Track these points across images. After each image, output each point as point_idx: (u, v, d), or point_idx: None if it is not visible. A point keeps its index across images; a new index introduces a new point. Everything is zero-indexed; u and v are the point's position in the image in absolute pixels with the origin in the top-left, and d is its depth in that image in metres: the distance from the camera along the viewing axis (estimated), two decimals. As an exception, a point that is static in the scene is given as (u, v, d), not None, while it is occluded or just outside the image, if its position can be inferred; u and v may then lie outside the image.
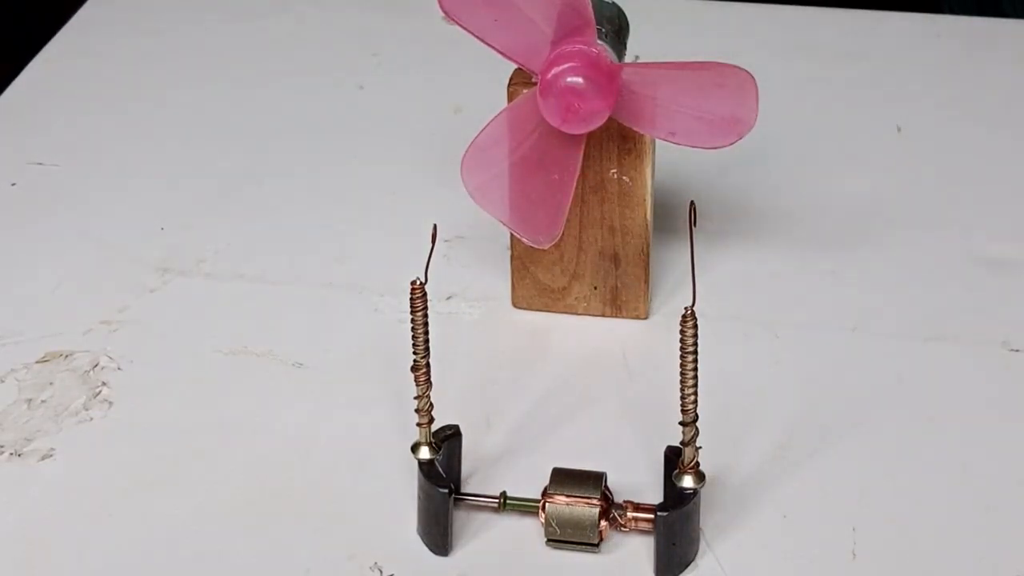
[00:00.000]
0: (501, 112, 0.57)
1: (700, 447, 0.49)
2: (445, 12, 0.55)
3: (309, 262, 0.67)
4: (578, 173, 0.57)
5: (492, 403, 0.58)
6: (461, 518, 0.52)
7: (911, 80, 0.74)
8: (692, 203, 0.51)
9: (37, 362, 0.61)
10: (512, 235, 0.61)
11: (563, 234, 0.60)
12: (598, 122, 0.55)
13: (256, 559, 0.52)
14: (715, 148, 0.56)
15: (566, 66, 0.55)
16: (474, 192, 0.58)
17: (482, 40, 0.55)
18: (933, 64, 0.80)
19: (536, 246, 0.59)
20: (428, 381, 0.50)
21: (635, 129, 0.57)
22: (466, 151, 0.58)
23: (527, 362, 0.61)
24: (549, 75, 0.55)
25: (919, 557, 0.51)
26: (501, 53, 0.55)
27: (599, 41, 0.56)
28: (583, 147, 0.57)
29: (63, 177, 0.73)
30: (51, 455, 0.56)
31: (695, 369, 0.48)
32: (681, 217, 0.63)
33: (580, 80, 0.54)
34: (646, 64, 0.57)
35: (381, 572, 0.51)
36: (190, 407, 0.58)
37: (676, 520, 0.49)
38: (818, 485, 0.54)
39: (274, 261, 0.67)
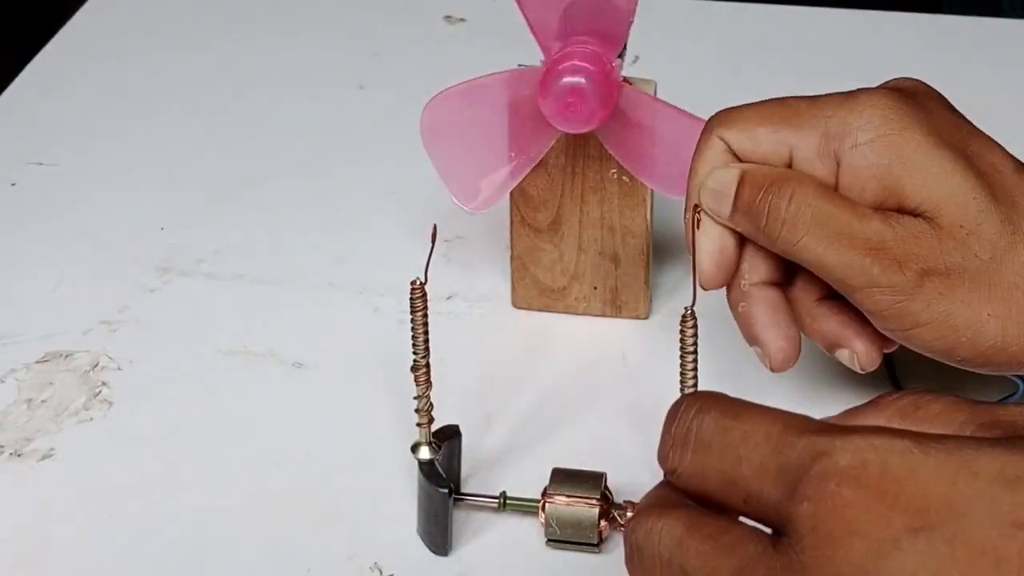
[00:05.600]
0: (494, 74, 0.57)
1: (700, 447, 0.49)
2: None
3: (309, 262, 0.67)
4: (535, 163, 0.58)
5: (492, 403, 0.58)
6: (461, 518, 0.52)
7: (911, 80, 0.74)
8: (696, 204, 0.51)
9: (37, 362, 0.61)
10: (512, 235, 0.61)
11: (563, 234, 0.61)
12: (589, 126, 0.55)
13: (256, 559, 0.52)
14: (673, 197, 0.57)
15: (579, 64, 0.55)
16: (425, 131, 0.58)
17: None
18: (933, 64, 0.80)
19: (463, 208, 0.59)
20: (428, 381, 0.50)
21: (606, 148, 0.57)
22: (441, 91, 0.58)
23: (527, 362, 0.61)
24: (560, 67, 0.55)
25: (919, 557, 0.51)
26: (531, 26, 0.55)
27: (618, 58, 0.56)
28: (552, 143, 0.57)
29: (63, 177, 0.73)
30: (51, 455, 0.56)
31: (695, 369, 0.48)
32: (682, 216, 0.63)
33: (583, 81, 0.55)
34: (650, 96, 0.57)
35: (381, 572, 0.51)
36: (190, 407, 0.58)
37: (676, 520, 0.49)
38: (818, 485, 0.54)
39: (274, 261, 0.67)
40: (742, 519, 0.37)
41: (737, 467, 0.36)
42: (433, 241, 0.50)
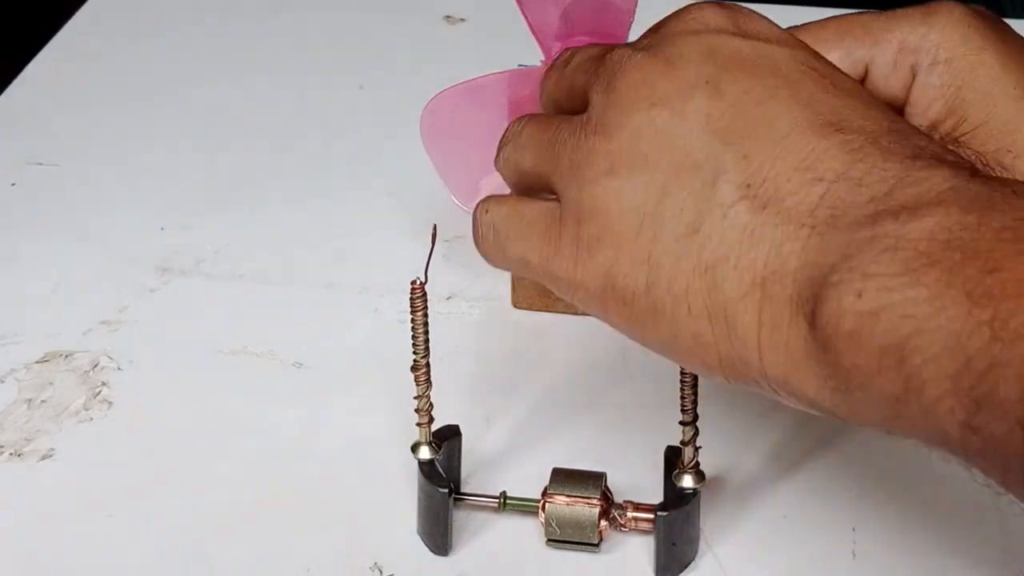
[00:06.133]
0: (498, 73, 0.57)
1: (700, 447, 0.49)
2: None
3: (309, 262, 0.67)
4: None
5: (492, 403, 0.58)
6: (461, 518, 0.52)
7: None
8: None
9: (37, 362, 0.61)
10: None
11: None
12: None
13: (256, 559, 0.51)
14: None
15: None
16: (424, 131, 0.58)
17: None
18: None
19: (463, 209, 0.59)
20: (428, 381, 0.50)
21: None
22: (441, 91, 0.58)
23: (527, 362, 0.61)
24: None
25: (919, 557, 0.51)
26: (531, 26, 0.55)
27: None
28: None
29: (63, 177, 0.73)
30: (51, 455, 0.56)
31: None
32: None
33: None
34: None
35: (381, 572, 0.51)
36: (190, 407, 0.58)
37: (676, 520, 0.49)
38: (818, 485, 0.54)
39: (274, 261, 0.67)
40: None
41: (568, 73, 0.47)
42: (433, 241, 0.50)
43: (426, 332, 0.50)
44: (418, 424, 0.51)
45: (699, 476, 0.50)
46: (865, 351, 0.36)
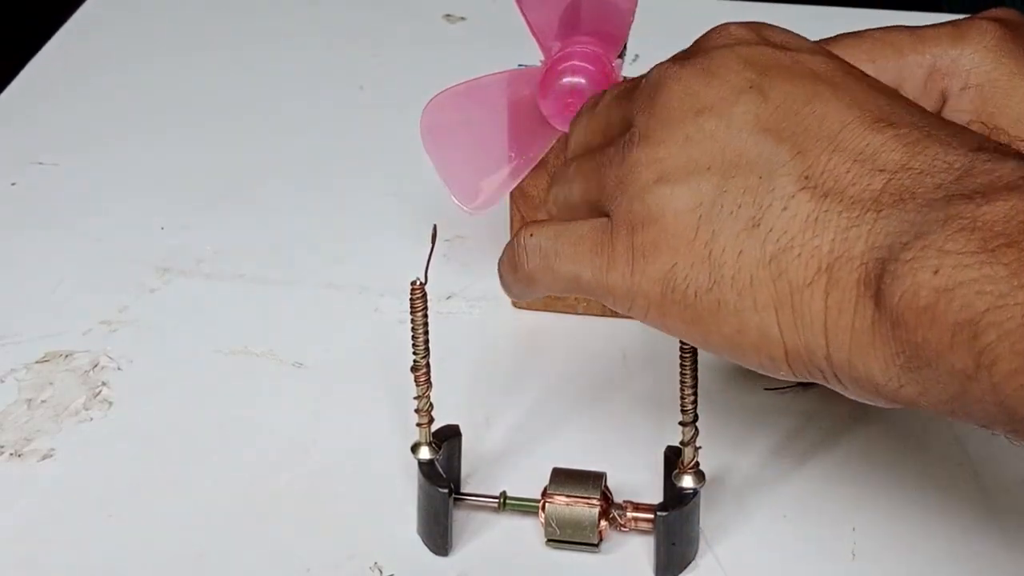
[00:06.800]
0: (498, 73, 0.57)
1: (700, 447, 0.49)
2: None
3: (309, 262, 0.67)
4: (535, 164, 0.58)
5: (492, 403, 0.58)
6: (461, 518, 0.52)
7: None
8: None
9: (37, 362, 0.61)
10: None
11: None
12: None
13: (256, 559, 0.51)
14: None
15: (579, 64, 0.55)
16: (424, 132, 0.58)
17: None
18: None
19: (463, 209, 0.59)
20: (428, 381, 0.50)
21: None
22: (441, 91, 0.58)
23: (527, 362, 0.61)
24: (560, 67, 0.55)
25: (919, 557, 0.51)
26: (531, 26, 0.55)
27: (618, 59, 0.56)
28: (552, 143, 0.57)
29: (63, 177, 0.73)
30: (51, 455, 0.56)
31: (695, 369, 0.48)
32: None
33: (583, 81, 0.55)
34: None
35: (381, 572, 0.51)
36: (190, 407, 0.58)
37: (676, 520, 0.49)
38: (818, 485, 0.54)
39: (274, 261, 0.67)
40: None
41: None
42: (433, 241, 0.50)
43: (426, 332, 0.50)
44: (418, 424, 0.51)
45: (699, 476, 0.50)
46: (938, 326, 0.36)
